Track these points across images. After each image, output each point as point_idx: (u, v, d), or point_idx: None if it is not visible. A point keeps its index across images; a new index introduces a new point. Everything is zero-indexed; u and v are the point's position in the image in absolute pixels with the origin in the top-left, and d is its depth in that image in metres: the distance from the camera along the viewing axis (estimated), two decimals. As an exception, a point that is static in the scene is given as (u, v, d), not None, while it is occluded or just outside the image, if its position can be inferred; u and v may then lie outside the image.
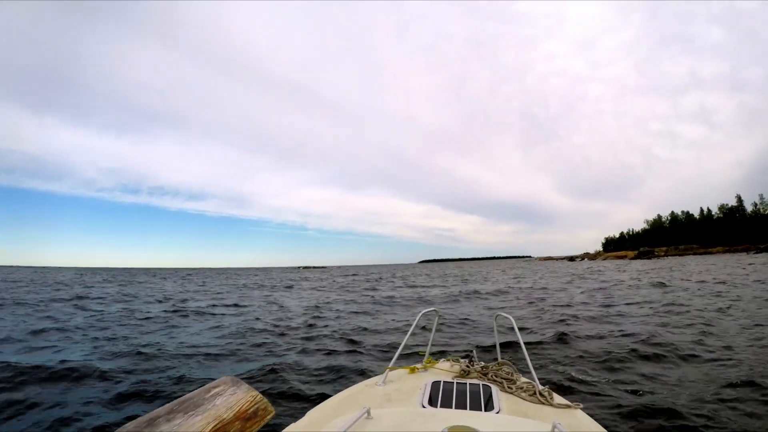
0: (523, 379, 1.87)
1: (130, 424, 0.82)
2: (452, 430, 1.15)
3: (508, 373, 1.90)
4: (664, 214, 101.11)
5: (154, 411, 0.86)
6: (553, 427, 1.15)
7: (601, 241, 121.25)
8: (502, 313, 2.45)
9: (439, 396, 1.62)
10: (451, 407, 1.52)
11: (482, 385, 1.72)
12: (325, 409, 1.60)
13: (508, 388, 1.72)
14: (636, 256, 72.57)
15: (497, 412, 1.48)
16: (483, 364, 2.03)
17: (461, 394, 1.62)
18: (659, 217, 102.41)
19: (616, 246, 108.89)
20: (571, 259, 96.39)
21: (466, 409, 1.50)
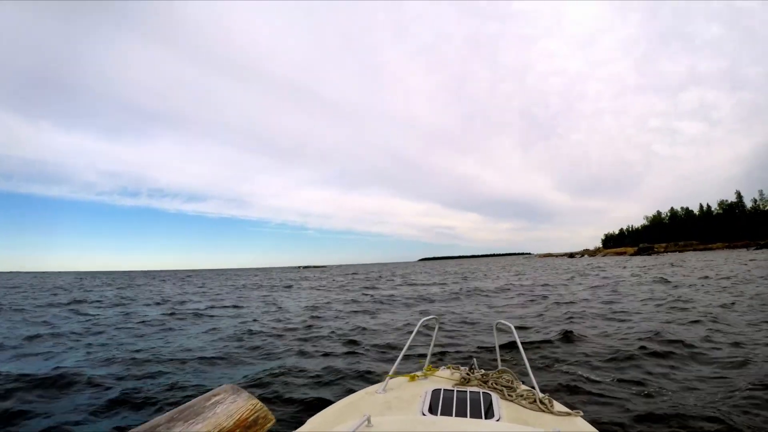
0: (524, 387, 1.87)
1: None
2: None
3: (509, 381, 1.90)
4: (664, 210, 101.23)
5: (154, 419, 0.87)
6: None
7: (601, 238, 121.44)
8: (503, 321, 2.45)
9: (440, 404, 1.61)
10: (452, 415, 1.52)
11: (482, 392, 1.72)
12: (326, 416, 1.59)
13: (509, 395, 1.72)
14: (636, 253, 72.74)
15: (497, 420, 1.49)
16: (483, 371, 2.03)
17: (461, 402, 1.62)
18: (659, 213, 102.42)
19: (615, 242, 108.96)
20: (571, 255, 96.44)
21: (466, 416, 1.50)
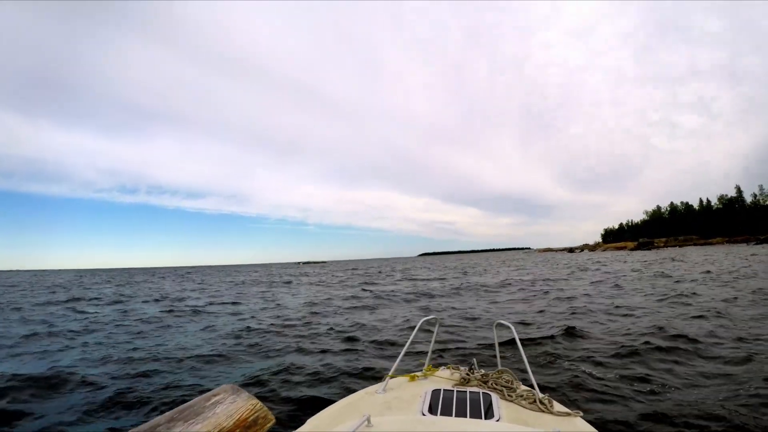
0: (523, 387, 1.87)
1: None
2: None
3: (508, 381, 1.89)
4: (663, 205, 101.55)
5: (154, 419, 0.88)
6: None
7: (600, 233, 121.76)
8: (502, 321, 2.44)
9: (439, 404, 1.61)
10: (452, 415, 1.52)
11: (482, 393, 1.72)
12: (325, 416, 1.59)
13: (508, 396, 1.72)
14: (635, 247, 72.81)
15: (497, 420, 1.49)
16: (483, 371, 2.02)
17: (461, 402, 1.62)
18: (658, 208, 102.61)
19: (615, 237, 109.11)
20: (571, 250, 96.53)
21: (466, 417, 1.50)
